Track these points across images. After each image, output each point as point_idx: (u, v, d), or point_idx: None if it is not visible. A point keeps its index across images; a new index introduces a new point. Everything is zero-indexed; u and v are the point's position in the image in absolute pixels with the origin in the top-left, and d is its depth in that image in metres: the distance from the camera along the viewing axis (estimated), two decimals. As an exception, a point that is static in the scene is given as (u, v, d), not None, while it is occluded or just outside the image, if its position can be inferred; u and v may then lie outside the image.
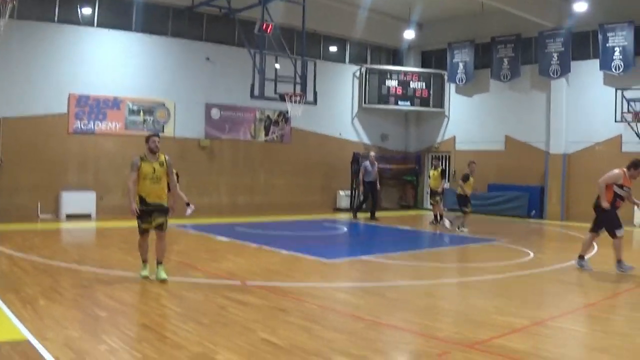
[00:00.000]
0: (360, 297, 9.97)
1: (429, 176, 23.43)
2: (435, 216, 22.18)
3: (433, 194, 22.73)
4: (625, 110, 22.64)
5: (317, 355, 6.62)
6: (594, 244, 13.67)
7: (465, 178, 19.85)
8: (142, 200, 10.37)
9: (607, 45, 23.65)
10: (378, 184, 23.69)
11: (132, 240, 15.29)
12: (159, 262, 10.53)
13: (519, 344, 7.22)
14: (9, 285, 9.62)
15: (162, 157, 10.56)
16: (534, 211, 25.85)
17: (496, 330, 7.75)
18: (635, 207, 22.10)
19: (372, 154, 23.93)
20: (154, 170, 10.35)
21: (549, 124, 25.72)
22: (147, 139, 10.59)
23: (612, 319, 8.85)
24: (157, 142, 10.58)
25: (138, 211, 10.27)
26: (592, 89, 24.66)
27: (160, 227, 10.49)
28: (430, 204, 23.41)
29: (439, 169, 22.78)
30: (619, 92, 22.79)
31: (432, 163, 22.73)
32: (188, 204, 19.49)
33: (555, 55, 25.17)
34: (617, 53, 23.43)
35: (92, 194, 21.00)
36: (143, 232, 10.65)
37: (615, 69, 23.49)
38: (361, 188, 24.06)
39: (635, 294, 10.74)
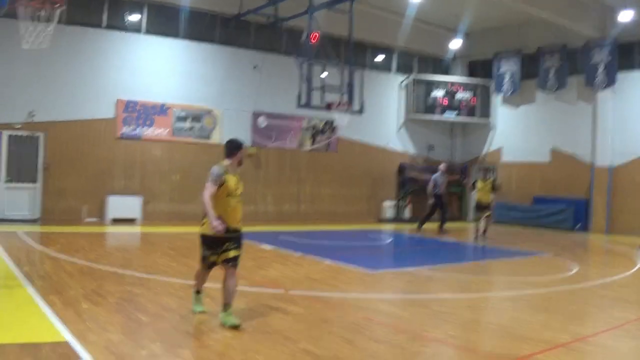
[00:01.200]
0: (404, 309, 9.88)
1: (476, 187, 21.00)
2: (478, 231, 20.77)
3: (481, 207, 20.63)
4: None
5: (360, 366, 6.54)
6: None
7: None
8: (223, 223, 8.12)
9: (653, 55, 23.34)
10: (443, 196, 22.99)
11: (178, 246, 15.47)
12: (227, 305, 8.11)
13: (561, 360, 7.10)
14: (52, 286, 9.70)
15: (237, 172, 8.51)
16: (579, 224, 25.49)
17: (538, 346, 7.63)
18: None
19: (443, 165, 23.22)
20: (238, 187, 8.39)
21: (595, 136, 25.34)
22: (236, 147, 8.52)
23: (656, 337, 8.64)
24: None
25: (223, 228, 7.93)
26: (639, 100, 24.29)
27: (234, 262, 8.26)
28: (476, 219, 21.57)
29: (490, 180, 21.15)
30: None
31: (483, 174, 21.63)
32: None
33: (601, 65, 24.84)
34: (663, 63, 23.16)
35: (138, 199, 21.17)
36: (209, 266, 8.49)
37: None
38: (430, 200, 22.95)
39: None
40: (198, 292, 8.79)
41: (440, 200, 22.71)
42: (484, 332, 8.54)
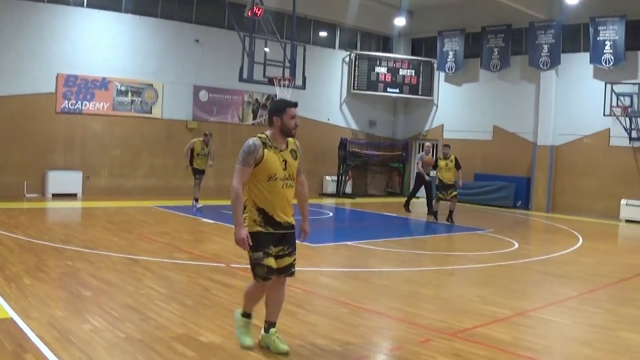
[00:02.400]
0: (345, 282, 10.04)
1: (438, 166, 19.48)
2: (436, 213, 19.72)
3: (445, 186, 19.15)
4: (614, 104, 22.72)
5: (301, 339, 6.71)
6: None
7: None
8: (267, 219, 6.10)
9: (598, 38, 23.65)
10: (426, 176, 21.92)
11: (118, 220, 15.42)
12: (271, 325, 6.41)
13: (501, 334, 7.32)
14: (-7, 263, 9.64)
15: (292, 143, 6.37)
16: (519, 202, 25.93)
17: (479, 320, 7.85)
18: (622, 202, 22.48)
19: (428, 144, 22.94)
20: (286, 164, 6.13)
21: (538, 116, 25.76)
22: (278, 109, 6.19)
23: (594, 312, 8.90)
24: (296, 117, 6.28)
25: (250, 242, 6.02)
26: (581, 82, 24.68)
27: (289, 270, 6.36)
28: (438, 198, 19.78)
29: (452, 157, 19.34)
30: (609, 86, 22.85)
31: (442, 151, 20.18)
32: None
33: (545, 47, 25.19)
34: (607, 47, 23.47)
35: (79, 174, 20.96)
36: (268, 275, 6.13)
37: (606, 63, 23.54)
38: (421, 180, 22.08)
39: (619, 287, 10.83)
40: (247, 315, 6.52)
41: (422, 179, 22.02)
42: (424, 305, 8.70)
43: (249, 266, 6.19)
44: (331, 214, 20.97)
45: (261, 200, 6.08)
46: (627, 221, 22.23)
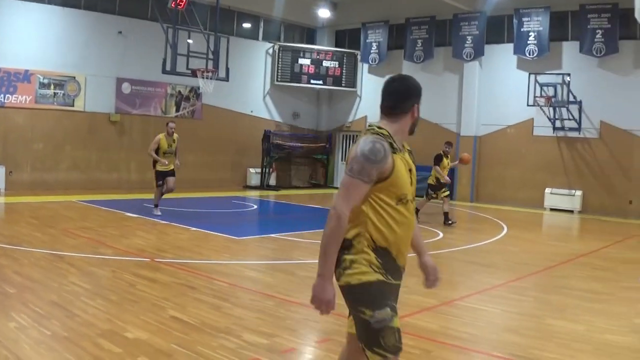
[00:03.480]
0: (270, 275, 10.17)
1: (440, 164, 18.23)
2: (417, 211, 17.04)
3: (441, 185, 18.19)
4: (537, 94, 23.26)
5: (227, 333, 6.76)
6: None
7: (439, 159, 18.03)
8: (389, 264, 4.03)
9: (522, 30, 24.23)
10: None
11: (41, 215, 15.26)
12: None
13: (429, 323, 7.52)
14: None
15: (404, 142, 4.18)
16: (445, 193, 26.35)
17: (406, 309, 7.92)
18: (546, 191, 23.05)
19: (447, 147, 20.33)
20: (411, 175, 4.04)
21: (461, 106, 26.24)
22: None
23: (520, 299, 9.18)
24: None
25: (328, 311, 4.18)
26: (505, 73, 25.24)
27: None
28: (432, 198, 18.49)
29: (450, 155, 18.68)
30: (532, 76, 23.38)
31: (446, 149, 18.73)
32: None
33: (469, 38, 25.65)
34: (531, 38, 24.03)
35: (1, 169, 20.59)
36: (399, 344, 4.06)
37: (529, 54, 24.12)
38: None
39: (544, 275, 11.21)
40: None
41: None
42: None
43: (361, 334, 4.11)
44: (255, 207, 21.05)
45: (384, 236, 3.93)
46: (552, 210, 22.89)
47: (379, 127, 3.95)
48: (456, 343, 6.88)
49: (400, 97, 4.08)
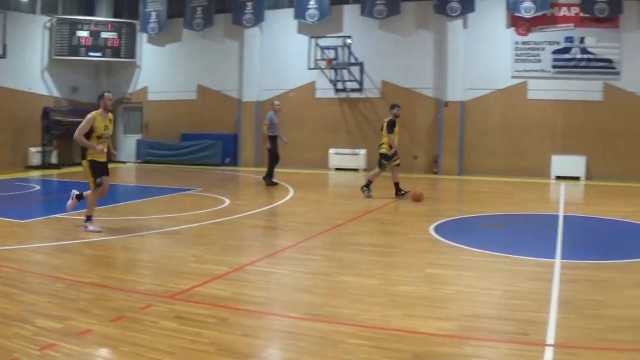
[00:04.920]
0: (57, 257, 9.69)
1: (394, 131, 16.55)
2: (369, 183, 16.86)
3: (394, 154, 16.59)
4: (319, 57, 23.64)
5: (21, 320, 6.37)
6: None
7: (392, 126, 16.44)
8: None
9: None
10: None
11: None
12: None
13: (221, 291, 7.48)
14: None
15: None
16: (228, 159, 26.43)
17: (197, 279, 7.93)
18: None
19: (277, 102, 20.04)
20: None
21: (242, 73, 26.26)
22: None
23: (311, 259, 9.32)
24: None
25: None
26: (286, 38, 25.62)
27: None
28: (384, 165, 16.62)
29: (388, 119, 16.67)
30: (313, 40, 23.73)
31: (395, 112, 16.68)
32: None
33: (249, 4, 25.70)
34: (312, 2, 24.45)
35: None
36: None
37: (310, 18, 24.44)
38: (267, 145, 19.26)
39: (332, 234, 11.46)
40: None
41: (275, 143, 19.42)
42: (140, 271, 8.71)
43: None
44: (38, 187, 20.06)
45: None
46: (337, 169, 23.43)
47: None
48: (251, 308, 6.89)
49: None
